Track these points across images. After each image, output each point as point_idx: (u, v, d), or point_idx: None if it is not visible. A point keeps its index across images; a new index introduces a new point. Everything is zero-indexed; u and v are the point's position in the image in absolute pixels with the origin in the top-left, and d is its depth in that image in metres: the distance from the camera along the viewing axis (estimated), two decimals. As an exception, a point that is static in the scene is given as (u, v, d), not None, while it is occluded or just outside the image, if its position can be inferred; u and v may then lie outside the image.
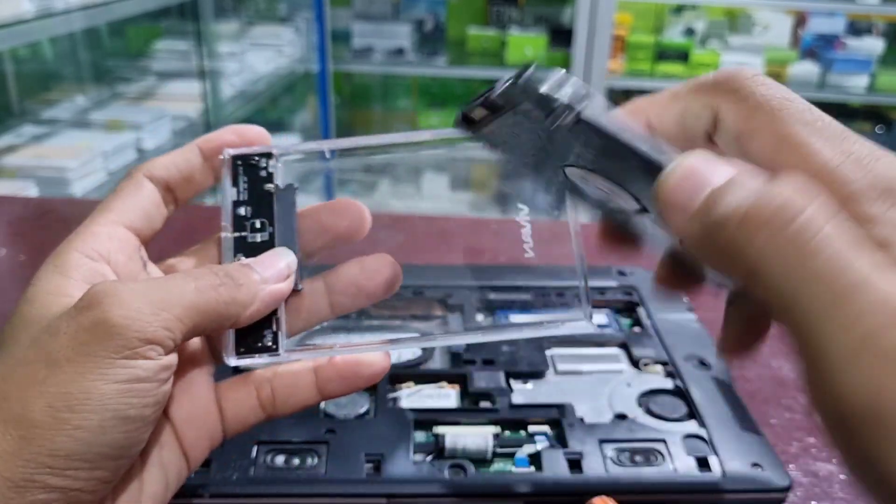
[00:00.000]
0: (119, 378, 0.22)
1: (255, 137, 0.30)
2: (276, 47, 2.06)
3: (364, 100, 2.51)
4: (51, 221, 0.67)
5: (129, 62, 1.79)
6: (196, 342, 0.28)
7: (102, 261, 0.26)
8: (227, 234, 0.28)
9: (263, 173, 0.29)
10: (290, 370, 0.28)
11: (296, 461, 0.34)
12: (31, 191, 1.21)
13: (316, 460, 0.34)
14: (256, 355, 0.27)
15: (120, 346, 0.22)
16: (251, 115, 1.97)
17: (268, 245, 0.28)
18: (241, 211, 0.29)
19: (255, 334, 0.27)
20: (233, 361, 0.27)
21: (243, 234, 0.28)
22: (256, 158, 0.29)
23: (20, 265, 0.59)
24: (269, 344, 0.27)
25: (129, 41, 1.83)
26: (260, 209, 0.29)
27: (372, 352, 0.28)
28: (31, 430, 0.21)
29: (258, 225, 0.29)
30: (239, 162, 0.29)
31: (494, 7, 2.23)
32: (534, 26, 2.18)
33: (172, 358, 0.24)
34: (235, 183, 0.29)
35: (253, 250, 0.28)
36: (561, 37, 2.09)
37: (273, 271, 0.27)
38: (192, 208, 0.31)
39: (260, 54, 2.00)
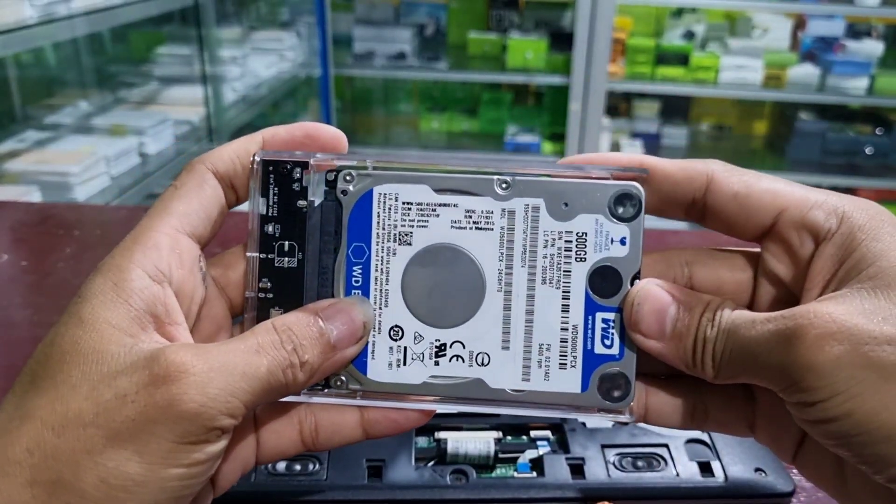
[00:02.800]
0: (180, 463, 0.21)
1: (328, 142, 0.26)
2: (278, 52, 2.06)
3: (365, 104, 2.51)
4: (53, 227, 0.67)
5: (131, 67, 1.80)
6: None
7: (165, 281, 0.24)
8: (252, 254, 0.26)
9: (297, 186, 0.25)
10: (336, 406, 0.26)
11: (297, 467, 0.34)
12: (34, 196, 1.21)
13: (317, 466, 0.34)
14: None
15: (188, 432, 0.21)
16: (253, 120, 1.97)
17: (296, 273, 0.26)
18: (269, 229, 0.26)
19: None
20: None
21: (269, 256, 0.26)
22: (289, 167, 0.25)
23: (22, 271, 0.59)
24: None
25: (132, 46, 1.83)
26: (290, 229, 0.26)
27: (399, 407, 0.26)
28: (81, 502, 0.20)
29: (286, 248, 0.26)
30: (270, 169, 0.25)
31: (495, 11, 2.23)
32: (534, 30, 2.19)
33: (229, 437, 0.23)
34: (265, 194, 0.26)
35: (279, 276, 0.26)
36: (561, 40, 2.09)
37: (348, 332, 0.25)
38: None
39: (262, 59, 2.00)
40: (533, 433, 0.37)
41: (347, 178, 0.25)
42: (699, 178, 0.25)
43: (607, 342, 0.25)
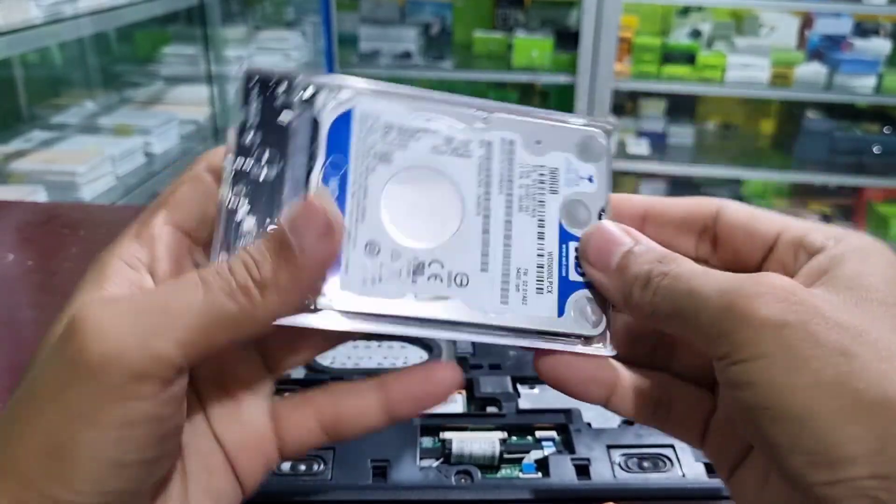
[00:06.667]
0: (108, 422, 0.19)
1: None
2: (284, 52, 2.06)
3: (371, 103, 2.51)
4: (59, 226, 0.67)
5: (137, 67, 1.80)
6: (247, 356, 0.25)
7: (143, 269, 0.23)
8: (228, 162, 0.24)
9: (280, 101, 0.25)
10: (356, 392, 0.25)
11: (302, 467, 0.34)
12: (40, 195, 1.22)
13: (322, 466, 0.34)
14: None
15: (103, 386, 0.19)
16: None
17: (270, 185, 0.24)
18: (248, 139, 0.25)
19: None
20: None
21: (245, 166, 0.24)
22: (275, 80, 0.25)
23: (28, 270, 0.59)
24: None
25: (138, 46, 1.84)
26: (269, 141, 0.25)
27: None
28: (23, 479, 0.19)
29: (263, 159, 0.25)
30: (256, 80, 0.25)
31: (500, 10, 2.23)
32: (540, 29, 2.18)
33: (175, 390, 0.20)
34: (247, 103, 0.25)
35: (253, 187, 0.24)
36: (567, 39, 2.09)
37: (313, 233, 0.21)
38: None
39: (267, 58, 2.00)
40: (538, 433, 0.37)
41: (329, 95, 0.26)
42: (709, 207, 0.26)
43: (580, 270, 0.26)
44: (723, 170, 2.17)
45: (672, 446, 0.35)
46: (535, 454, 0.36)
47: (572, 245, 0.26)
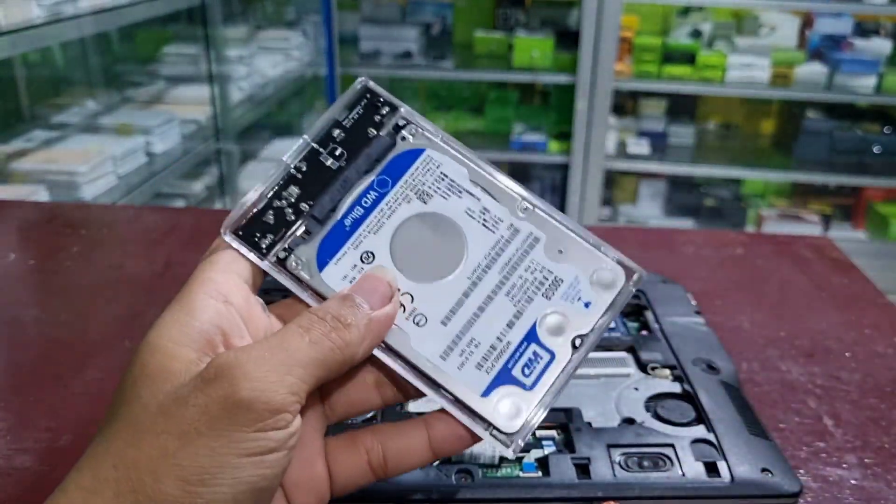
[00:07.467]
0: (251, 451, 0.22)
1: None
2: (285, 51, 2.06)
3: (371, 103, 2.51)
4: (60, 226, 0.67)
5: (138, 67, 1.80)
6: (308, 401, 0.27)
7: (223, 300, 0.25)
8: (308, 139, 0.29)
9: (377, 118, 0.29)
10: (402, 432, 0.27)
11: (303, 466, 0.34)
12: (41, 195, 1.22)
13: (324, 465, 0.34)
14: (245, 245, 0.27)
15: (252, 419, 0.22)
16: (260, 119, 1.98)
17: (329, 174, 0.28)
18: (335, 133, 0.29)
19: (263, 229, 0.27)
20: (226, 235, 0.27)
21: (321, 150, 0.29)
22: (382, 101, 0.30)
23: (29, 270, 0.59)
24: (262, 246, 0.27)
25: (139, 46, 1.83)
26: (349, 143, 0.29)
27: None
28: (165, 502, 0.22)
29: (337, 153, 0.29)
30: (368, 95, 0.29)
31: (501, 10, 2.23)
32: (540, 29, 2.18)
33: (299, 421, 0.24)
34: (351, 108, 0.29)
35: (316, 168, 0.28)
36: (568, 39, 2.09)
37: (376, 296, 0.26)
38: (199, 211, 0.29)
39: (268, 58, 2.00)
40: (538, 432, 0.37)
41: (413, 131, 0.30)
42: None
43: (526, 371, 0.27)
44: (723, 170, 2.18)
45: (672, 446, 0.36)
46: (536, 453, 0.36)
47: (533, 348, 0.27)
